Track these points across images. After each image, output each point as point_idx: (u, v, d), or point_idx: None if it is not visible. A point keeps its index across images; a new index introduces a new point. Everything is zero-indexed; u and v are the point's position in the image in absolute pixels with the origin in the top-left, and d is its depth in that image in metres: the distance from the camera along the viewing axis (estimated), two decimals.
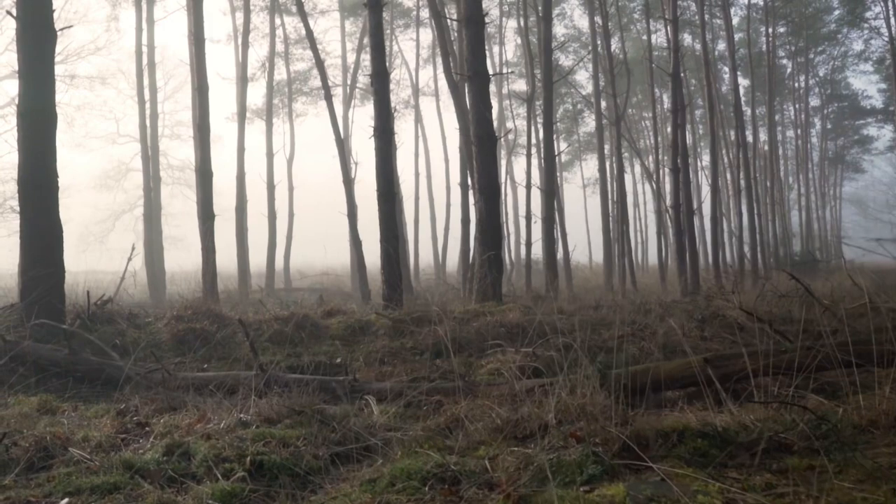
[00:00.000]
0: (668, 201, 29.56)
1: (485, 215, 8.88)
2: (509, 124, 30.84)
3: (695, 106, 32.93)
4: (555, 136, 22.68)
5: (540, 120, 25.91)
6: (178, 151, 32.10)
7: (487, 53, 29.29)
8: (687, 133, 38.71)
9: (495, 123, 21.39)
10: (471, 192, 17.19)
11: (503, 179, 19.69)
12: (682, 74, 18.93)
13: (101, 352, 6.10)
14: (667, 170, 30.52)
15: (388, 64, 16.44)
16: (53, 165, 6.67)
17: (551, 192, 16.90)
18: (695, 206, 20.02)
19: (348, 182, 14.50)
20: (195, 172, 16.28)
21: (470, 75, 9.40)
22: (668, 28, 18.44)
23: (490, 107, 9.43)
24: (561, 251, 20.81)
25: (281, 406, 3.51)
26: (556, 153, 17.49)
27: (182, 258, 26.30)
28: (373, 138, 8.29)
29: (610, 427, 2.56)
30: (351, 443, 3.13)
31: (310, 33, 14.44)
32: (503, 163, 30.06)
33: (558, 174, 27.53)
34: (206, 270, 11.20)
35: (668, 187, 34.82)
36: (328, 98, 14.45)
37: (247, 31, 18.95)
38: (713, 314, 8.35)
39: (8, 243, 20.78)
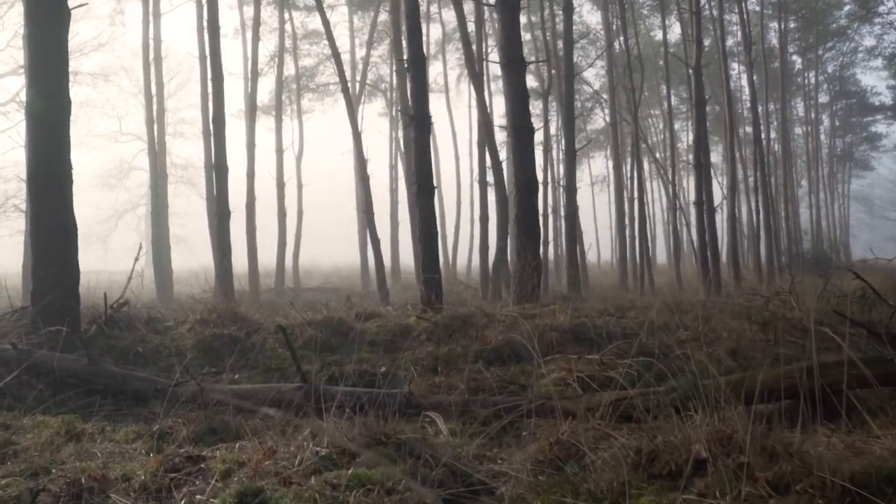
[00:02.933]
0: (687, 199, 29.02)
1: (523, 211, 8.32)
2: None
3: None
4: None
5: (550, 116, 25.41)
6: (180, 149, 31.50)
7: (494, 50, 28.78)
8: (691, 130, 38.25)
9: (503, 120, 20.86)
10: (489, 189, 16.63)
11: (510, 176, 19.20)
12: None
13: (122, 361, 5.54)
14: (676, 167, 30.07)
15: (403, 57, 15.89)
16: (67, 156, 6.09)
17: (572, 189, 16.34)
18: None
19: (365, 178, 13.92)
20: (210, 168, 15.68)
21: (505, 63, 8.84)
22: (692, 20, 17.88)
23: (527, 95, 8.86)
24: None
25: (355, 433, 2.94)
26: (578, 149, 16.93)
27: (186, 257, 25.73)
28: (410, 128, 7.74)
29: (821, 471, 2.00)
30: (453, 482, 2.57)
31: (326, 23, 13.86)
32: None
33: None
34: (221, 270, 10.61)
35: (679, 184, 34.36)
36: (345, 90, 13.88)
37: (257, 24, 18.36)
38: (772, 315, 7.79)
39: (9, 243, 20.24)
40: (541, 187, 19.00)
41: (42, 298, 5.79)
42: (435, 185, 7.50)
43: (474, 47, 16.09)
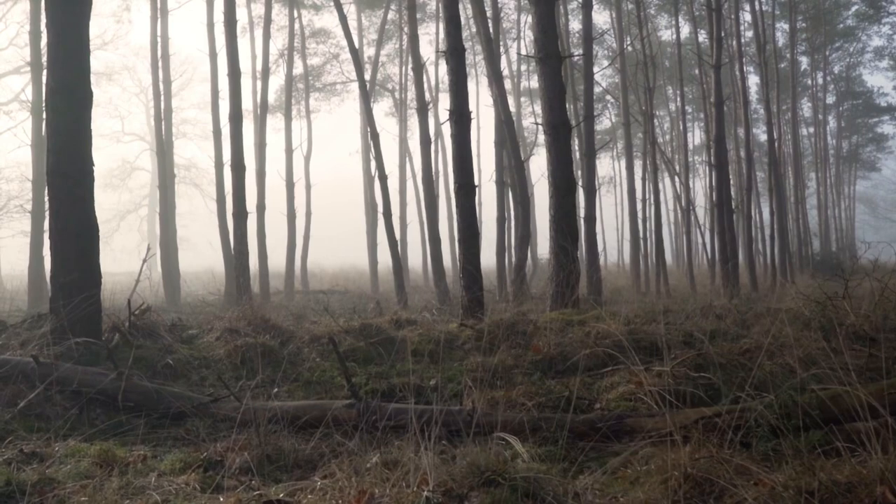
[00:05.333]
0: (694, 199, 28.60)
1: (562, 212, 7.89)
2: (525, 122, 29.85)
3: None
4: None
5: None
6: (183, 150, 31.12)
7: (503, 51, 28.36)
8: (698, 130, 37.90)
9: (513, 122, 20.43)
10: (507, 189, 16.22)
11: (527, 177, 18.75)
12: (710, 68, 17.89)
13: (151, 374, 5.11)
14: (681, 167, 29.71)
15: (419, 53, 15.48)
16: (89, 152, 5.66)
17: (592, 190, 15.90)
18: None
19: (383, 178, 13.49)
20: (220, 168, 15.27)
21: (541, 57, 8.41)
22: (711, 17, 17.47)
23: (564, 91, 8.45)
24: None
25: (458, 470, 2.51)
26: (597, 149, 16.54)
27: (187, 258, 25.27)
28: (448, 123, 7.32)
29: None
30: None
31: (343, 18, 13.40)
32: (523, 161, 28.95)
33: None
34: (239, 274, 10.17)
35: (690, 184, 34.02)
36: (362, 87, 13.45)
37: (268, 21, 17.89)
38: (830, 321, 7.36)
39: (15, 244, 19.77)
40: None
41: (65, 305, 5.35)
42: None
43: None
